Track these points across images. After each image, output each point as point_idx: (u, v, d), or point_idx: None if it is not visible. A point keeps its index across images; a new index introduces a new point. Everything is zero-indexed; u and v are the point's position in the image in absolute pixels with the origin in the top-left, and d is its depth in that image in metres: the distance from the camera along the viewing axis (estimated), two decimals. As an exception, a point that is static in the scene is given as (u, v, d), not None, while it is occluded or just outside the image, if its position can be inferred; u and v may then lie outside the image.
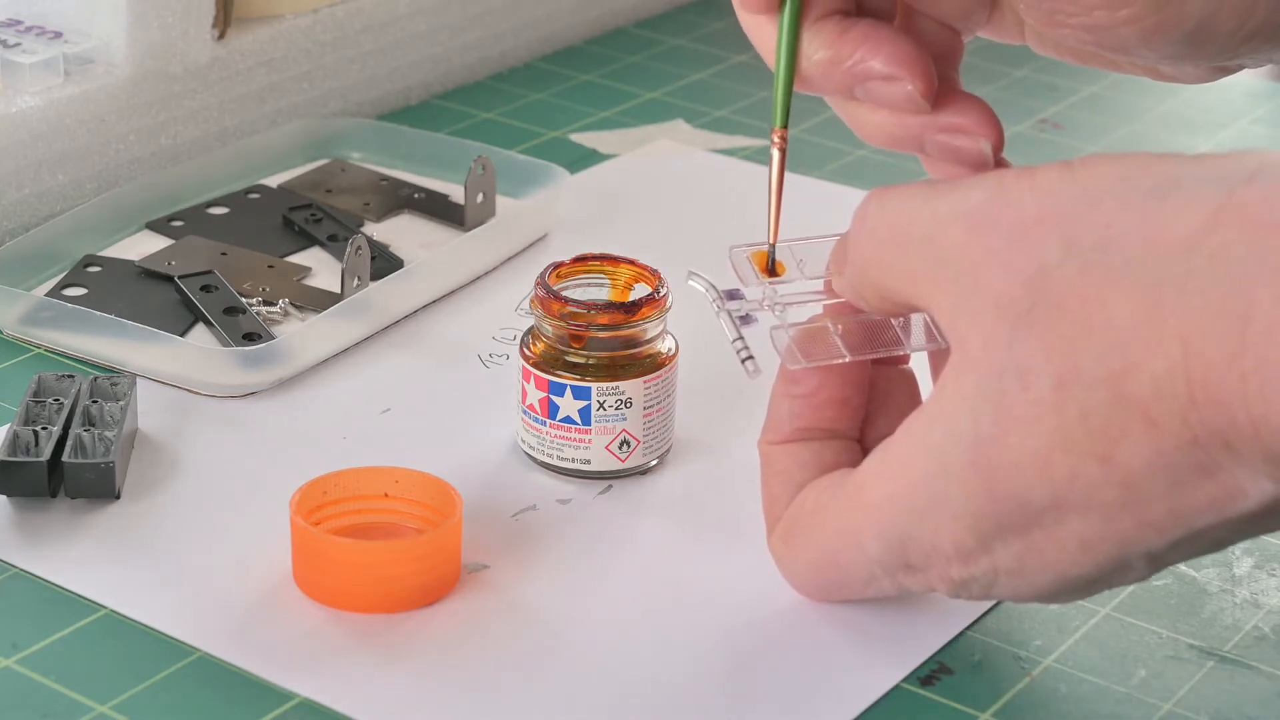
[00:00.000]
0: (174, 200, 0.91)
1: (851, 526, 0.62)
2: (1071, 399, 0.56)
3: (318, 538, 0.66)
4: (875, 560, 0.62)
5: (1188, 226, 0.54)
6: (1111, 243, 0.55)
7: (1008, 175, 0.59)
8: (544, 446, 0.73)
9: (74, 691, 0.62)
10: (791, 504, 0.65)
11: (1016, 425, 0.57)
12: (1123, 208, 0.56)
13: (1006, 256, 0.57)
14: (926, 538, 0.60)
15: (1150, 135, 1.04)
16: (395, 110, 1.04)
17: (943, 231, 0.59)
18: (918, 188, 0.61)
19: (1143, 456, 0.55)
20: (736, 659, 0.64)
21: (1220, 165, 0.55)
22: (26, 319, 0.81)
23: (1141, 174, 0.56)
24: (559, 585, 0.67)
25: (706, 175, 0.99)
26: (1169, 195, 0.55)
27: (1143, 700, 0.63)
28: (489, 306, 0.85)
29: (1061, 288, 0.56)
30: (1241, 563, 0.70)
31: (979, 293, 0.58)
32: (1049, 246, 0.57)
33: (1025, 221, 0.57)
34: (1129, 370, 0.55)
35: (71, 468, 0.69)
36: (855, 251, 0.62)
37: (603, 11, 1.15)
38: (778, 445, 0.66)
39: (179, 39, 0.92)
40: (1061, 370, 0.56)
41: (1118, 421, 0.55)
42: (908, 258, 0.60)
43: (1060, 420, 0.56)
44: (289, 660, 0.63)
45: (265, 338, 0.80)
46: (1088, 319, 0.55)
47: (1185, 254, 0.54)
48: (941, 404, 0.59)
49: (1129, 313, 0.55)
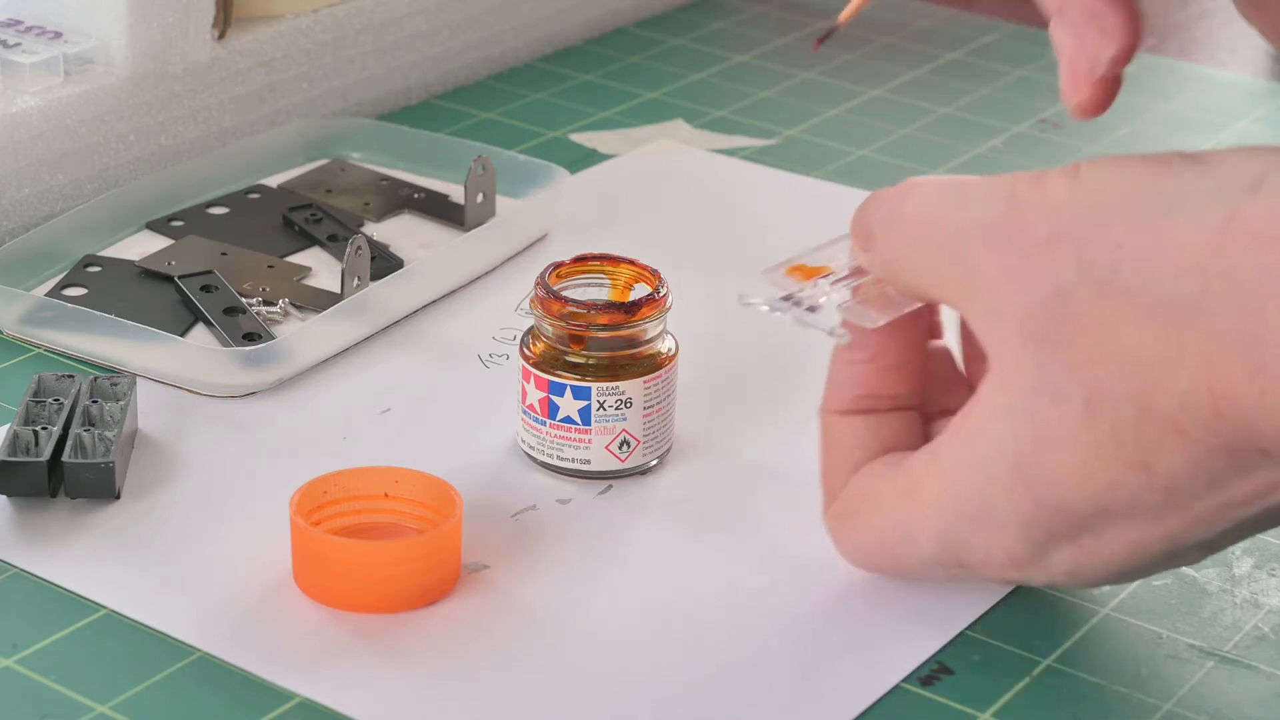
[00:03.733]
0: (174, 200, 0.91)
1: (906, 524, 0.63)
2: (1102, 415, 0.57)
3: (318, 538, 0.66)
4: (931, 557, 0.63)
5: (1196, 247, 0.55)
6: (1123, 264, 0.56)
7: (1020, 185, 0.59)
8: (544, 446, 0.73)
9: (74, 691, 0.62)
10: (849, 485, 0.65)
11: (1053, 440, 0.58)
12: (1131, 228, 0.56)
13: (1024, 276, 0.58)
14: (979, 544, 0.61)
15: (1150, 135, 1.04)
16: (395, 110, 1.04)
17: (965, 246, 0.59)
18: (943, 189, 0.61)
19: (1179, 464, 0.56)
20: (736, 659, 0.64)
21: (1224, 174, 0.55)
22: (26, 319, 0.81)
23: (1147, 190, 0.56)
24: (559, 585, 0.68)
25: (706, 175, 0.99)
26: (1175, 212, 0.55)
27: (1143, 700, 0.63)
28: (489, 306, 0.85)
29: (1079, 310, 0.57)
30: (1241, 563, 0.70)
31: (1003, 311, 0.58)
32: (1063, 268, 0.57)
33: (1038, 241, 0.58)
34: (1153, 388, 0.55)
35: (71, 468, 0.69)
36: (885, 247, 0.63)
37: (603, 11, 1.15)
38: (839, 416, 0.66)
39: (179, 39, 0.92)
40: (1089, 389, 0.57)
41: (1150, 434, 0.56)
42: (936, 265, 0.61)
43: (1094, 435, 0.57)
44: (289, 660, 0.63)
45: (265, 338, 0.80)
46: (1108, 341, 0.56)
47: (1196, 275, 0.54)
48: (983, 417, 0.60)
49: (1147, 334, 0.55)
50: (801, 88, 1.09)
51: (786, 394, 0.79)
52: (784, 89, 1.09)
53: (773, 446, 0.76)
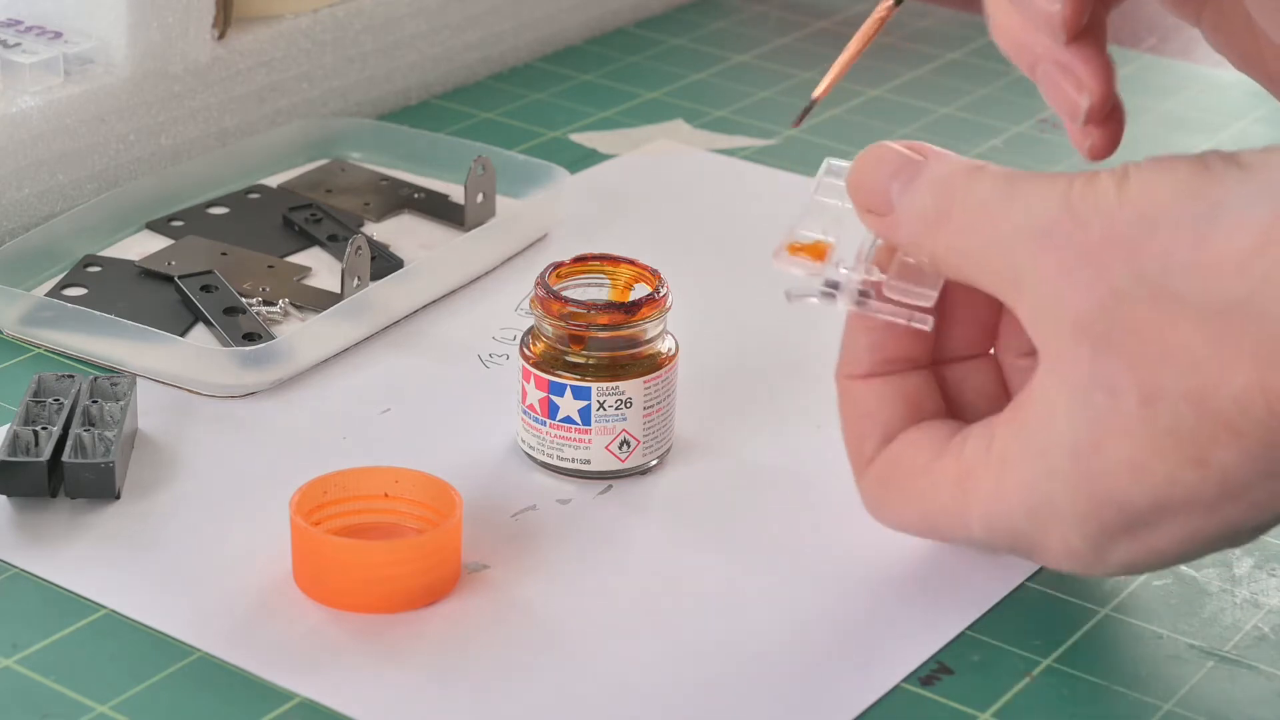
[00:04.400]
0: (174, 200, 0.91)
1: (956, 508, 0.63)
2: (1158, 413, 0.58)
3: (318, 538, 0.66)
4: (979, 540, 0.63)
5: (1241, 250, 0.56)
6: (1173, 269, 0.57)
7: (1074, 190, 0.60)
8: (544, 446, 0.73)
9: (74, 691, 0.62)
10: (885, 452, 0.66)
11: (1110, 436, 0.59)
12: (1177, 233, 0.57)
13: (1080, 278, 0.59)
14: (1036, 536, 0.61)
15: (1150, 135, 1.04)
16: (395, 110, 1.04)
17: (1018, 244, 0.60)
18: (996, 184, 0.61)
19: (1235, 458, 0.57)
20: (736, 659, 0.64)
21: (1265, 177, 0.56)
22: (26, 319, 0.81)
23: (1191, 195, 0.57)
24: (559, 585, 0.68)
25: (706, 175, 0.99)
26: (1219, 217, 0.57)
27: (1143, 700, 0.63)
28: (489, 306, 0.85)
29: (1134, 313, 0.58)
30: (1241, 563, 0.70)
31: (1058, 310, 0.59)
32: (1117, 272, 0.58)
33: (1092, 245, 0.59)
34: (1208, 389, 0.57)
35: (71, 468, 0.69)
36: (935, 236, 0.62)
37: (603, 11, 1.15)
38: (859, 381, 0.66)
39: (179, 39, 0.92)
40: (1145, 388, 0.58)
41: (1206, 431, 0.57)
42: (991, 259, 0.61)
43: (1151, 432, 0.58)
44: (289, 660, 0.63)
45: (265, 338, 0.80)
46: (1162, 343, 0.57)
47: (1242, 277, 0.56)
48: (1040, 409, 0.60)
49: (1200, 337, 0.57)
50: (801, 88, 1.09)
51: (786, 394, 0.79)
52: (784, 89, 1.09)
53: (773, 446, 0.76)
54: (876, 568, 0.68)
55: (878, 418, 0.66)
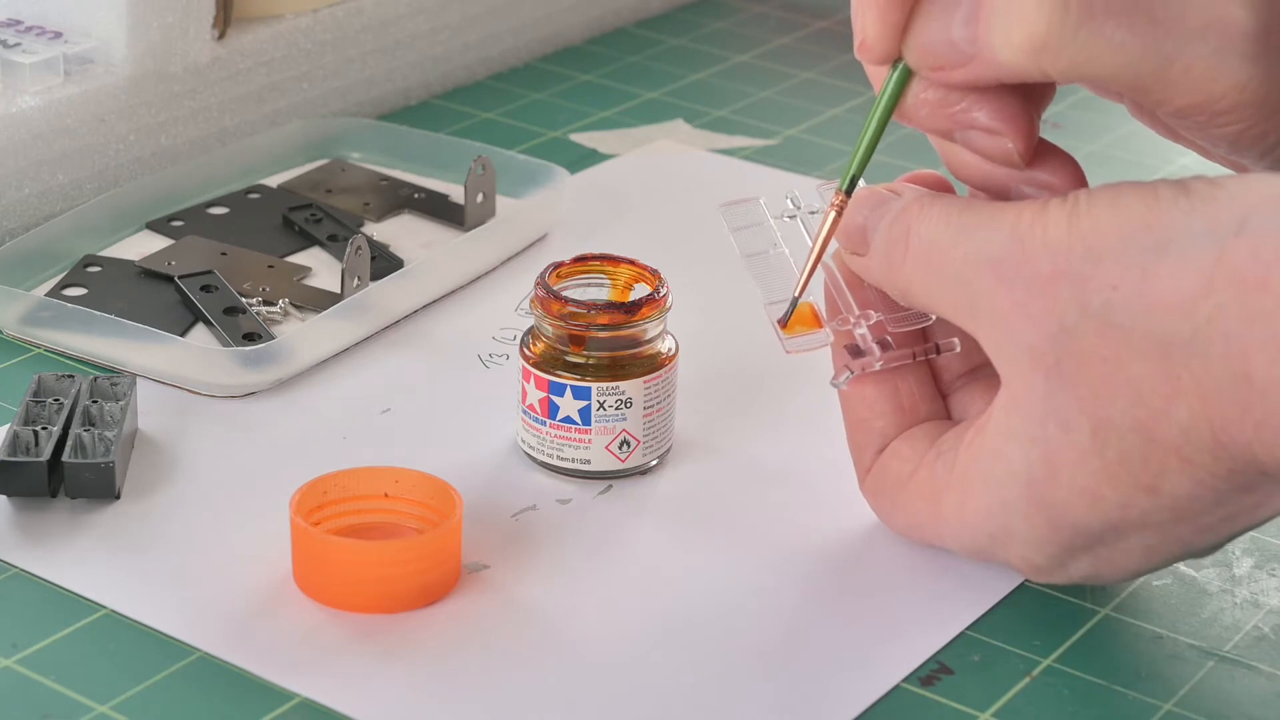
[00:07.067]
0: (174, 200, 0.91)
1: (930, 522, 0.65)
2: (1108, 444, 0.59)
3: (318, 538, 0.66)
4: (958, 550, 0.65)
5: (1186, 288, 0.57)
6: (1118, 305, 0.58)
7: (1024, 221, 0.60)
8: (544, 446, 0.73)
9: (74, 691, 0.62)
10: (880, 458, 0.68)
11: (1064, 465, 0.60)
12: (1124, 268, 0.58)
13: (1030, 311, 0.60)
14: (999, 554, 0.64)
15: (1150, 135, 1.04)
16: (395, 110, 1.04)
17: (973, 276, 0.61)
18: (949, 214, 0.62)
19: (1186, 485, 0.59)
20: (737, 658, 0.64)
21: (1212, 213, 0.57)
22: (26, 319, 0.81)
23: (1139, 229, 0.58)
24: (559, 585, 0.67)
25: (706, 175, 0.99)
26: (1166, 253, 0.57)
27: (1143, 700, 0.63)
28: (489, 306, 0.85)
29: (1082, 346, 0.59)
30: (1241, 563, 0.70)
31: (1012, 341, 0.60)
32: (1066, 305, 0.59)
33: (1041, 278, 0.59)
34: (1155, 420, 0.58)
35: (71, 468, 0.69)
36: (899, 270, 0.64)
37: (603, 11, 1.15)
38: (854, 389, 0.68)
39: (179, 39, 0.92)
40: (1094, 419, 0.59)
41: (1156, 460, 0.58)
42: (948, 291, 0.62)
43: (1103, 461, 0.59)
44: (289, 660, 0.63)
45: (265, 338, 0.80)
46: (1109, 376, 0.58)
47: (1187, 315, 0.57)
48: (997, 438, 0.62)
49: (1146, 371, 0.58)
50: (801, 88, 1.09)
51: (786, 394, 0.79)
52: (784, 89, 1.09)
53: (773, 446, 0.76)
54: (876, 568, 0.69)
55: (873, 426, 0.68)
